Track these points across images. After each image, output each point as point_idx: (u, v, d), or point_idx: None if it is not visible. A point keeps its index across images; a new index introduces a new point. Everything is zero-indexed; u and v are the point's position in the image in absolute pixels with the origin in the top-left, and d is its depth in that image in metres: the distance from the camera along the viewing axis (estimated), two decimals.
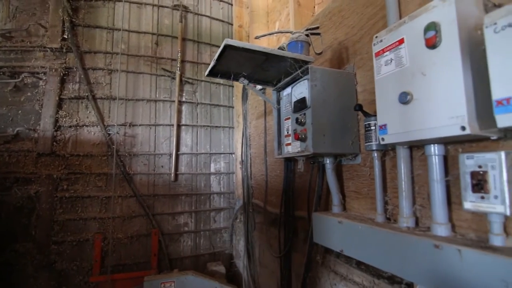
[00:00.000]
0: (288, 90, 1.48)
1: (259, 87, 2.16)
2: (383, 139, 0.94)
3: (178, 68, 3.01)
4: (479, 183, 0.77)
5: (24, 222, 2.52)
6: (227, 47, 1.15)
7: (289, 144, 1.47)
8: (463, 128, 0.70)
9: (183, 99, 3.09)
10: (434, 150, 0.89)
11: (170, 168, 2.92)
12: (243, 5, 3.39)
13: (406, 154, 1.03)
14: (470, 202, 0.80)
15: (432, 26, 0.76)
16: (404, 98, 0.83)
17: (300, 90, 1.36)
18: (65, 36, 2.72)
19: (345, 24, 1.45)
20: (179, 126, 3.02)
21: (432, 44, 0.76)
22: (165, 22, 3.11)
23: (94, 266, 2.56)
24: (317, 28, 1.33)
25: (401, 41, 0.87)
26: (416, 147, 1.03)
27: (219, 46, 3.59)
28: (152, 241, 2.74)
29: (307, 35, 1.30)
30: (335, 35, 1.52)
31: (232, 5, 3.49)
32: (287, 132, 1.50)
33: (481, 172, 0.77)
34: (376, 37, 0.97)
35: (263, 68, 1.41)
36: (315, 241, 1.40)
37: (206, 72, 1.43)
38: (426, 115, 0.79)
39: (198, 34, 3.27)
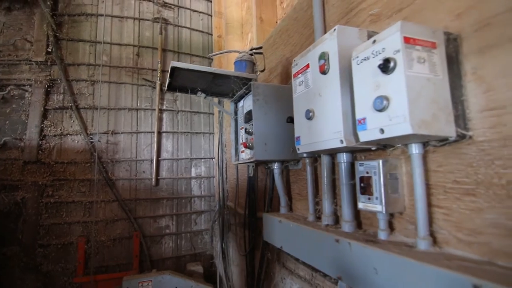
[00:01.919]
0: (242, 102, 1.63)
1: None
2: (298, 149, 1.09)
3: (159, 78, 3.17)
4: (366, 187, 0.92)
5: (11, 226, 2.67)
6: (174, 68, 1.30)
7: (243, 151, 1.62)
8: (341, 141, 0.84)
9: (164, 107, 3.24)
10: (342, 158, 1.04)
11: (152, 173, 3.07)
12: (222, 16, 3.55)
13: (328, 160, 1.17)
14: (362, 203, 0.94)
15: (323, 56, 0.91)
16: (308, 115, 0.98)
17: (249, 103, 1.51)
18: (50, 50, 2.88)
19: (290, 42, 1.60)
20: (160, 133, 3.17)
21: (323, 70, 0.91)
22: (146, 34, 3.27)
23: (78, 267, 2.70)
24: (260, 48, 1.48)
25: (307, 66, 1.02)
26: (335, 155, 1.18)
27: (199, 56, 3.71)
28: (134, 243, 2.88)
29: (251, 54, 1.45)
30: (283, 51, 1.67)
31: (211, 16, 3.65)
32: (242, 140, 1.64)
33: (367, 177, 0.91)
34: (294, 60, 1.12)
35: (216, 84, 1.56)
36: (265, 239, 1.54)
37: (165, 88, 1.58)
38: (321, 129, 0.94)
39: (178, 45, 3.43)
